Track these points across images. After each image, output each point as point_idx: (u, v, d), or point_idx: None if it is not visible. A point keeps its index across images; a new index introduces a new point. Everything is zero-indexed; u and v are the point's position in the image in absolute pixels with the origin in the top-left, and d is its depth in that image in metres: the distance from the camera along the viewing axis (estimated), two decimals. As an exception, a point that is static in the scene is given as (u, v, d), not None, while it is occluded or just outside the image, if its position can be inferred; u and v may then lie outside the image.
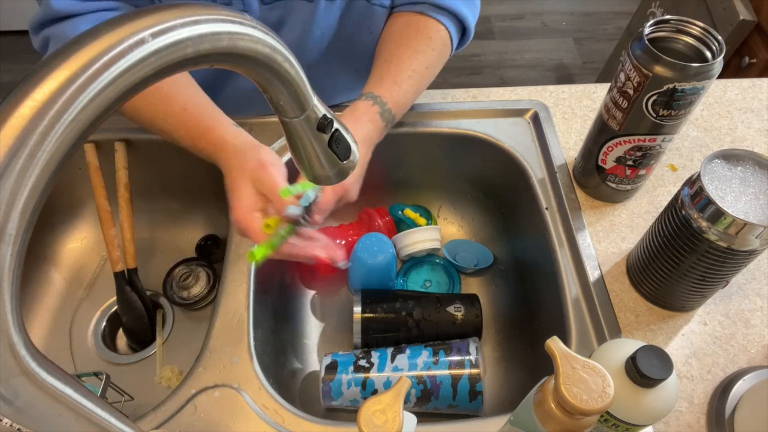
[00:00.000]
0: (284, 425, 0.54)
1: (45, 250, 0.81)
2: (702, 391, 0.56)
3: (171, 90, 0.60)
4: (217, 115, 0.60)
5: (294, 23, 0.67)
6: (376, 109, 0.63)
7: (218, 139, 0.57)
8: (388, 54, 0.68)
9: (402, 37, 0.69)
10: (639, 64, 0.55)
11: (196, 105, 0.60)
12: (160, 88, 0.60)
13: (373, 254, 0.70)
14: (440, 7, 0.68)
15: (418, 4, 0.69)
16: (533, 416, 0.40)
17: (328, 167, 0.45)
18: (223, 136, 0.57)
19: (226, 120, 0.59)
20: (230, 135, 0.57)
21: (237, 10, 0.65)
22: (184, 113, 0.59)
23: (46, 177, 0.22)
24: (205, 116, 0.59)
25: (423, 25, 0.68)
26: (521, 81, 2.20)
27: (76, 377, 0.62)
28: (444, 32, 0.69)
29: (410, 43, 0.67)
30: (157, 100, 0.60)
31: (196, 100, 0.60)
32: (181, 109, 0.59)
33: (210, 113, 0.59)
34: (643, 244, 0.60)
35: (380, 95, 0.64)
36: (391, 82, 0.65)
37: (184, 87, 0.61)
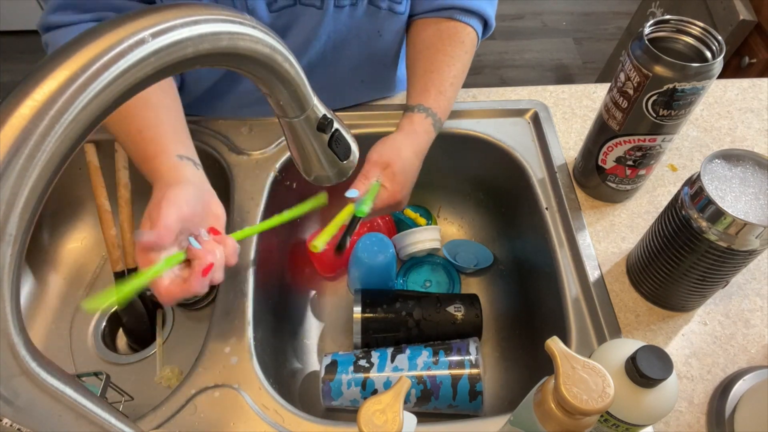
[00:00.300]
0: (284, 425, 0.54)
1: (45, 250, 0.81)
2: (702, 391, 0.56)
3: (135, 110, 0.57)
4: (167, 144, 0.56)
5: (301, 29, 0.67)
6: (430, 121, 0.65)
7: (155, 169, 0.54)
8: (427, 63, 0.69)
9: (436, 44, 0.70)
10: (639, 64, 0.55)
11: (153, 129, 0.57)
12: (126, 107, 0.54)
13: (373, 254, 0.70)
14: (468, 10, 0.70)
15: (445, 10, 0.70)
16: (533, 416, 0.40)
17: (328, 167, 0.45)
18: (159, 166, 0.53)
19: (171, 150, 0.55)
20: (166, 167, 0.53)
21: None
22: (138, 136, 0.56)
23: (46, 177, 0.22)
24: (155, 143, 0.56)
25: (454, 30, 0.70)
26: (521, 81, 2.20)
27: (76, 377, 0.62)
28: (473, 33, 0.72)
29: (446, 50, 0.69)
30: (121, 118, 0.58)
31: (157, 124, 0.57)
32: (137, 131, 0.56)
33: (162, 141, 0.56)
34: (643, 244, 0.60)
35: (430, 107, 0.66)
36: (436, 92, 0.67)
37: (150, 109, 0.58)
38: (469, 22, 0.70)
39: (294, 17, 0.66)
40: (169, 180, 0.51)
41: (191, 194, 0.50)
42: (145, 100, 0.58)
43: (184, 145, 0.57)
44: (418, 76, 0.69)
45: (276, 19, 0.65)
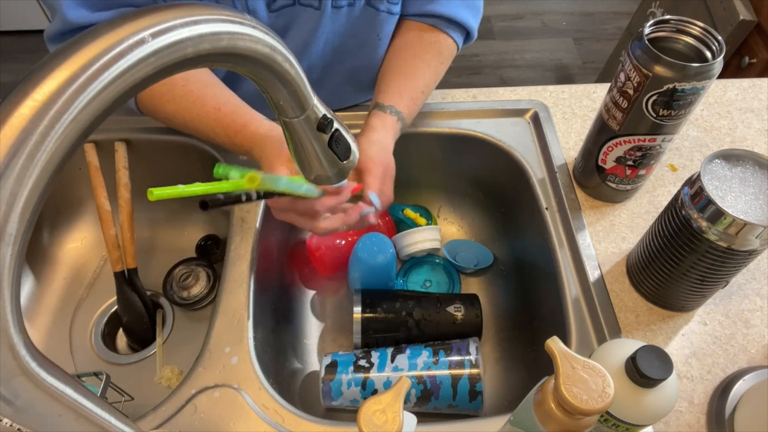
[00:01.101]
0: (284, 425, 0.54)
1: (45, 250, 0.81)
2: (702, 391, 0.56)
3: (201, 92, 0.62)
4: (250, 112, 0.62)
5: (299, 29, 0.67)
6: (399, 125, 0.67)
7: (254, 134, 0.59)
8: (403, 65, 0.71)
9: (416, 48, 0.72)
10: (639, 64, 0.55)
11: (228, 104, 0.62)
12: (191, 92, 0.62)
13: (373, 254, 0.70)
14: (452, 21, 0.71)
15: (430, 17, 0.71)
16: (533, 416, 0.40)
17: (328, 167, 0.45)
18: (257, 130, 0.59)
19: (258, 116, 0.61)
20: (264, 129, 0.59)
21: None
22: (218, 113, 0.61)
23: (46, 177, 0.22)
24: (238, 114, 0.61)
25: (435, 38, 0.72)
26: (521, 81, 2.20)
27: (76, 377, 0.62)
28: (453, 45, 0.73)
29: (424, 56, 0.71)
30: (190, 103, 0.62)
31: (227, 99, 0.63)
32: (215, 109, 0.61)
33: (243, 111, 0.62)
34: (643, 244, 0.60)
35: (401, 111, 0.67)
36: (409, 99, 0.69)
37: (213, 87, 0.63)
38: (450, 33, 0.72)
39: (293, 17, 0.66)
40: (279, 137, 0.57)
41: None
42: (204, 81, 0.63)
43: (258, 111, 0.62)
44: (393, 76, 0.71)
45: (275, 19, 0.65)
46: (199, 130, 0.64)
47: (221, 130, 0.61)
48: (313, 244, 0.77)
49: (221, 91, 0.64)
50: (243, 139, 0.60)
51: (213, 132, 0.62)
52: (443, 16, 0.70)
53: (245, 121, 0.60)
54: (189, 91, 0.62)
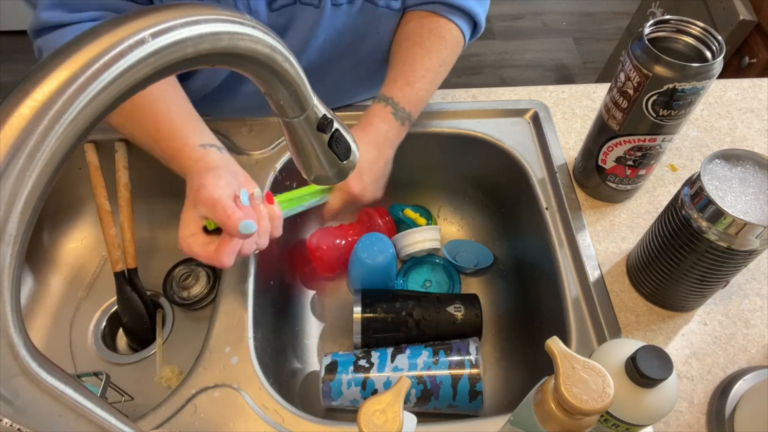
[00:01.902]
0: (284, 425, 0.54)
1: (45, 250, 0.81)
2: (702, 391, 0.56)
3: (147, 107, 0.58)
4: (186, 136, 0.57)
5: (299, 28, 0.67)
6: (389, 110, 0.64)
7: (182, 164, 0.56)
8: (402, 55, 0.69)
9: (415, 36, 0.69)
10: (639, 64, 0.55)
11: (167, 124, 0.58)
12: (137, 106, 0.58)
13: (373, 254, 0.70)
14: (452, 6, 0.69)
15: (430, 4, 0.70)
16: (533, 416, 0.40)
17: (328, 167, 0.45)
18: (186, 161, 0.55)
19: (194, 141, 0.57)
20: (192, 160, 0.55)
21: None
22: (157, 134, 0.57)
23: (46, 177, 0.22)
24: (174, 138, 0.57)
25: (436, 25, 0.69)
26: (521, 81, 2.20)
27: (76, 377, 0.62)
28: (456, 31, 0.70)
29: (424, 43, 0.68)
30: (135, 118, 0.59)
31: (170, 117, 0.58)
32: (154, 129, 0.58)
33: (179, 135, 0.57)
34: (643, 244, 0.60)
35: (392, 96, 0.65)
36: (403, 83, 0.66)
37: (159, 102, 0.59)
38: (452, 18, 0.69)
39: (293, 16, 0.66)
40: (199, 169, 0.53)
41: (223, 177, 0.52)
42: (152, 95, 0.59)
43: (201, 132, 0.59)
44: (391, 68, 0.69)
45: (276, 18, 0.65)
46: (145, 147, 0.60)
47: (159, 153, 0.58)
48: (313, 244, 0.77)
49: (166, 107, 0.59)
50: (176, 168, 0.57)
51: (154, 153, 0.59)
52: (443, 2, 0.69)
53: (178, 147, 0.56)
54: (135, 105, 0.58)
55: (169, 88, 0.61)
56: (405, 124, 0.66)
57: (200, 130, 0.59)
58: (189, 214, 0.52)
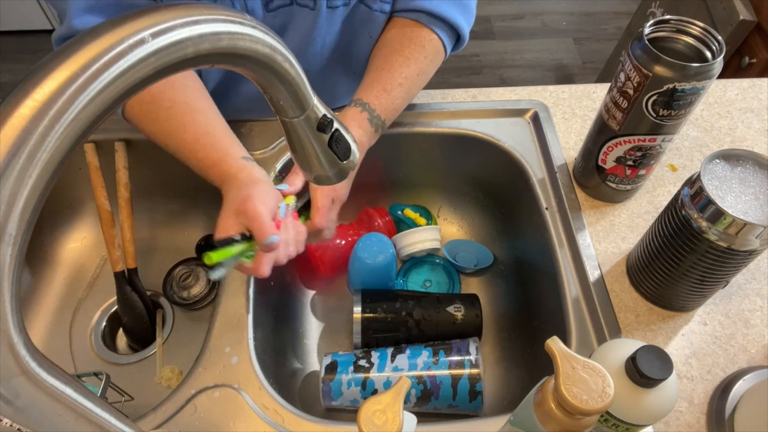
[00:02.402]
0: (284, 425, 0.54)
1: (45, 250, 0.81)
2: (702, 391, 0.56)
3: (184, 117, 0.60)
4: (228, 147, 0.59)
5: (296, 30, 0.67)
6: (365, 115, 0.64)
7: (224, 172, 0.58)
8: (381, 61, 0.69)
9: (395, 44, 0.69)
10: (639, 64, 0.55)
11: (208, 135, 0.60)
12: (173, 115, 0.60)
13: (373, 254, 0.70)
14: (435, 16, 0.69)
15: (413, 12, 0.69)
16: (533, 416, 0.40)
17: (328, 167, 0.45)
18: (228, 170, 0.57)
19: (234, 152, 0.59)
20: (235, 169, 0.57)
21: None
22: (196, 144, 0.59)
23: (46, 177, 0.22)
24: (215, 148, 0.59)
25: (417, 33, 0.69)
26: (521, 81, 2.20)
27: (76, 377, 0.62)
28: (437, 41, 0.70)
29: (403, 50, 0.68)
30: (171, 127, 0.60)
31: (208, 129, 0.60)
32: (194, 139, 0.59)
33: (221, 145, 0.59)
34: (643, 244, 0.60)
35: (369, 102, 0.65)
36: (380, 89, 0.66)
37: (197, 114, 0.61)
38: (434, 29, 0.69)
39: (289, 17, 0.66)
40: (245, 180, 0.56)
41: (269, 191, 0.56)
42: (191, 106, 0.61)
43: (239, 146, 0.61)
44: (368, 73, 0.69)
45: (272, 19, 0.65)
46: (177, 155, 0.61)
47: (195, 162, 0.60)
48: (313, 244, 0.77)
49: (205, 119, 0.61)
50: (214, 176, 0.59)
51: (188, 162, 0.61)
52: (426, 11, 0.68)
53: (218, 158, 0.58)
54: (172, 115, 0.60)
55: (205, 100, 0.63)
56: (378, 131, 0.66)
57: (238, 143, 0.61)
58: (229, 221, 0.54)
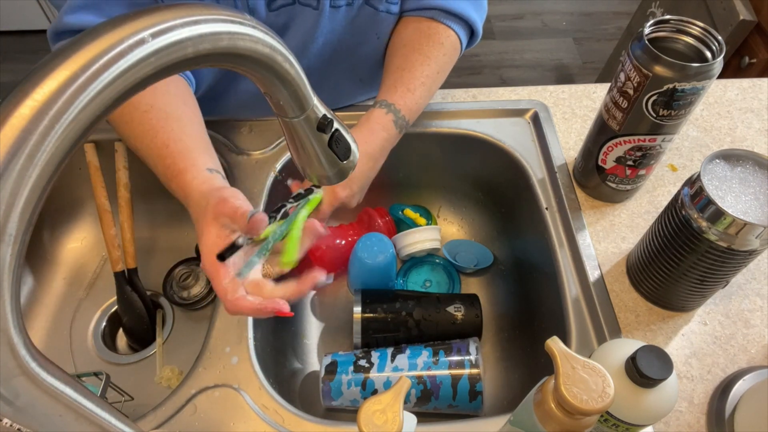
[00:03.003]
0: (284, 425, 0.54)
1: (45, 250, 0.81)
2: (702, 391, 0.56)
3: (158, 123, 0.57)
4: (195, 157, 0.56)
5: (298, 29, 0.67)
6: (390, 117, 0.64)
7: (187, 184, 0.54)
8: (401, 60, 0.68)
9: (414, 43, 0.69)
10: (639, 64, 0.55)
11: (179, 143, 0.56)
12: (148, 120, 0.57)
13: (373, 254, 0.70)
14: (450, 13, 0.69)
15: (428, 10, 0.70)
16: (533, 416, 0.40)
17: (328, 167, 0.45)
18: (191, 181, 0.53)
19: (202, 163, 0.55)
20: (199, 181, 0.53)
21: None
22: (165, 150, 0.56)
23: (46, 177, 0.22)
24: (182, 157, 0.55)
25: (434, 31, 0.69)
26: (521, 81, 2.20)
27: (76, 377, 0.62)
28: (454, 37, 0.70)
29: (422, 49, 0.68)
30: (143, 132, 0.58)
31: (181, 137, 0.57)
32: (163, 145, 0.56)
33: (189, 154, 0.56)
34: (643, 244, 0.60)
35: (394, 103, 0.65)
36: (404, 90, 0.66)
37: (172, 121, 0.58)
38: (450, 25, 0.69)
39: (292, 17, 0.66)
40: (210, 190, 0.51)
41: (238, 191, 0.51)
42: (168, 112, 0.58)
43: (211, 157, 0.57)
44: (389, 73, 0.68)
45: (275, 18, 0.65)
46: (146, 161, 0.59)
47: (162, 169, 0.56)
48: (313, 244, 0.77)
49: (179, 126, 0.58)
50: (177, 187, 0.55)
51: (155, 168, 0.58)
52: (441, 8, 0.69)
53: (183, 167, 0.54)
54: (146, 119, 0.57)
55: (186, 109, 0.61)
56: (402, 132, 0.66)
57: (209, 154, 0.58)
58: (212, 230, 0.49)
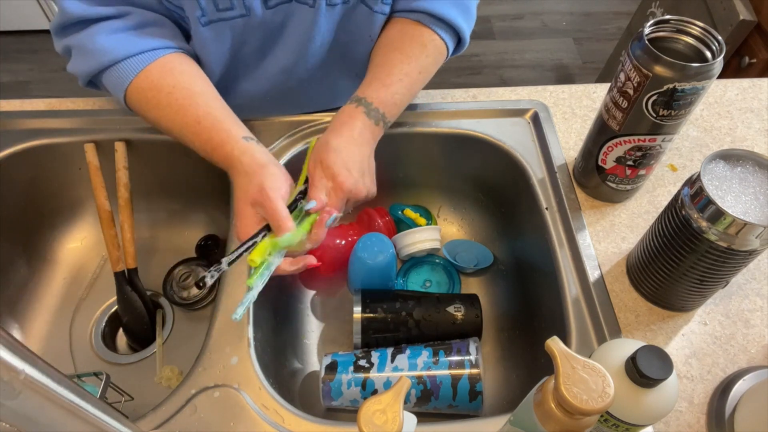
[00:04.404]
0: (284, 425, 0.54)
1: (45, 250, 0.81)
2: (702, 391, 0.56)
3: (185, 101, 0.61)
4: (229, 128, 0.60)
5: (295, 27, 0.67)
6: (361, 109, 0.64)
7: (228, 155, 0.58)
8: (381, 59, 0.68)
9: (396, 42, 0.69)
10: (639, 64, 0.55)
11: (209, 117, 0.60)
12: (175, 100, 0.61)
13: (373, 254, 0.70)
14: (437, 18, 0.68)
15: (415, 13, 0.69)
16: (533, 416, 0.40)
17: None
18: (231, 152, 0.58)
19: (237, 133, 0.60)
20: (238, 151, 0.58)
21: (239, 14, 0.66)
22: (198, 126, 0.60)
23: None
24: (217, 130, 0.60)
25: (419, 33, 0.69)
26: (521, 81, 2.20)
27: (76, 377, 0.63)
28: (439, 41, 0.70)
29: (404, 48, 0.68)
30: (173, 112, 0.61)
31: (209, 111, 0.61)
32: (195, 121, 0.60)
33: (222, 126, 0.60)
34: (643, 244, 0.60)
35: (365, 97, 0.64)
36: (378, 85, 0.65)
37: (198, 96, 0.62)
38: (436, 30, 0.69)
39: (289, 14, 0.66)
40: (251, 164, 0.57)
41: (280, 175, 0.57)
42: (191, 90, 0.62)
43: (240, 126, 0.62)
44: (368, 71, 0.69)
45: (272, 16, 0.65)
46: (181, 139, 0.63)
47: (199, 144, 0.61)
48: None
49: (205, 101, 0.62)
50: (218, 158, 0.60)
51: (193, 144, 0.62)
52: (428, 12, 0.68)
53: (221, 140, 0.59)
54: (174, 99, 0.61)
55: (204, 83, 0.64)
56: (380, 124, 0.65)
57: (239, 123, 0.62)
58: (246, 211, 0.56)
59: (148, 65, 0.61)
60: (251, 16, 0.63)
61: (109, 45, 0.60)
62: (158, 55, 0.61)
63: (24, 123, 0.76)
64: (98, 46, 0.60)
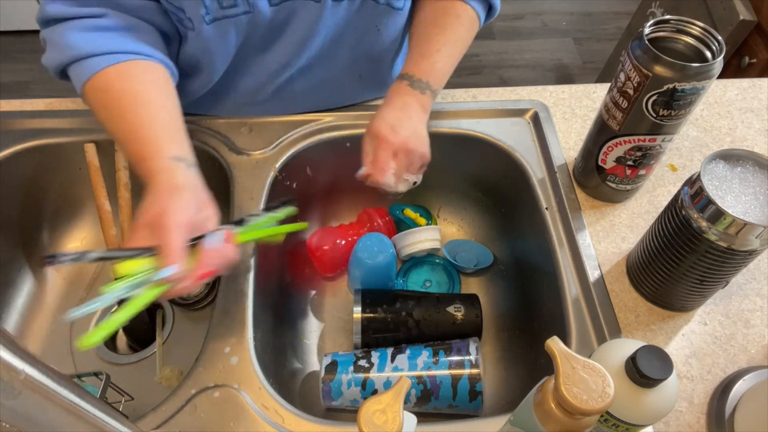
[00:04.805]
0: (284, 425, 0.54)
1: (45, 250, 0.81)
2: (702, 391, 0.56)
3: (129, 107, 0.59)
4: (162, 144, 0.57)
5: (300, 23, 0.67)
6: (405, 83, 0.67)
7: (148, 170, 0.55)
8: (418, 35, 0.72)
9: (430, 17, 0.72)
10: (639, 64, 0.55)
11: (147, 128, 0.57)
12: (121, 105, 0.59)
13: (373, 254, 0.70)
14: None
15: None
16: (533, 416, 0.40)
17: None
18: (152, 167, 0.55)
19: (167, 151, 0.56)
20: (159, 169, 0.54)
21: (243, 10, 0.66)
22: (132, 135, 0.58)
23: None
24: (148, 143, 0.57)
25: (451, 5, 0.72)
26: (521, 81, 2.20)
27: (76, 377, 0.63)
28: (471, 11, 0.72)
29: (438, 21, 0.71)
30: (118, 116, 0.59)
31: (150, 123, 0.58)
32: (132, 130, 0.58)
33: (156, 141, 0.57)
34: (643, 244, 0.60)
35: (407, 71, 0.68)
36: (418, 57, 0.69)
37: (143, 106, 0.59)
38: (467, 1, 0.72)
39: (293, 11, 0.66)
40: (164, 185, 0.53)
41: (189, 202, 0.52)
42: (139, 99, 0.60)
43: (178, 144, 0.58)
44: (408, 50, 0.71)
45: (276, 13, 0.65)
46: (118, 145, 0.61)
47: (130, 153, 0.58)
48: (313, 244, 0.77)
49: (148, 112, 0.59)
50: (141, 171, 0.56)
51: (126, 153, 0.59)
52: None
53: (149, 153, 0.56)
54: (120, 105, 0.59)
55: (159, 95, 0.61)
56: (426, 93, 0.68)
57: (177, 141, 0.58)
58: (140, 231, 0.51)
59: (108, 67, 0.60)
60: (255, 13, 0.63)
61: (76, 42, 0.60)
62: (121, 59, 0.60)
63: (24, 123, 0.76)
64: (66, 42, 0.60)
